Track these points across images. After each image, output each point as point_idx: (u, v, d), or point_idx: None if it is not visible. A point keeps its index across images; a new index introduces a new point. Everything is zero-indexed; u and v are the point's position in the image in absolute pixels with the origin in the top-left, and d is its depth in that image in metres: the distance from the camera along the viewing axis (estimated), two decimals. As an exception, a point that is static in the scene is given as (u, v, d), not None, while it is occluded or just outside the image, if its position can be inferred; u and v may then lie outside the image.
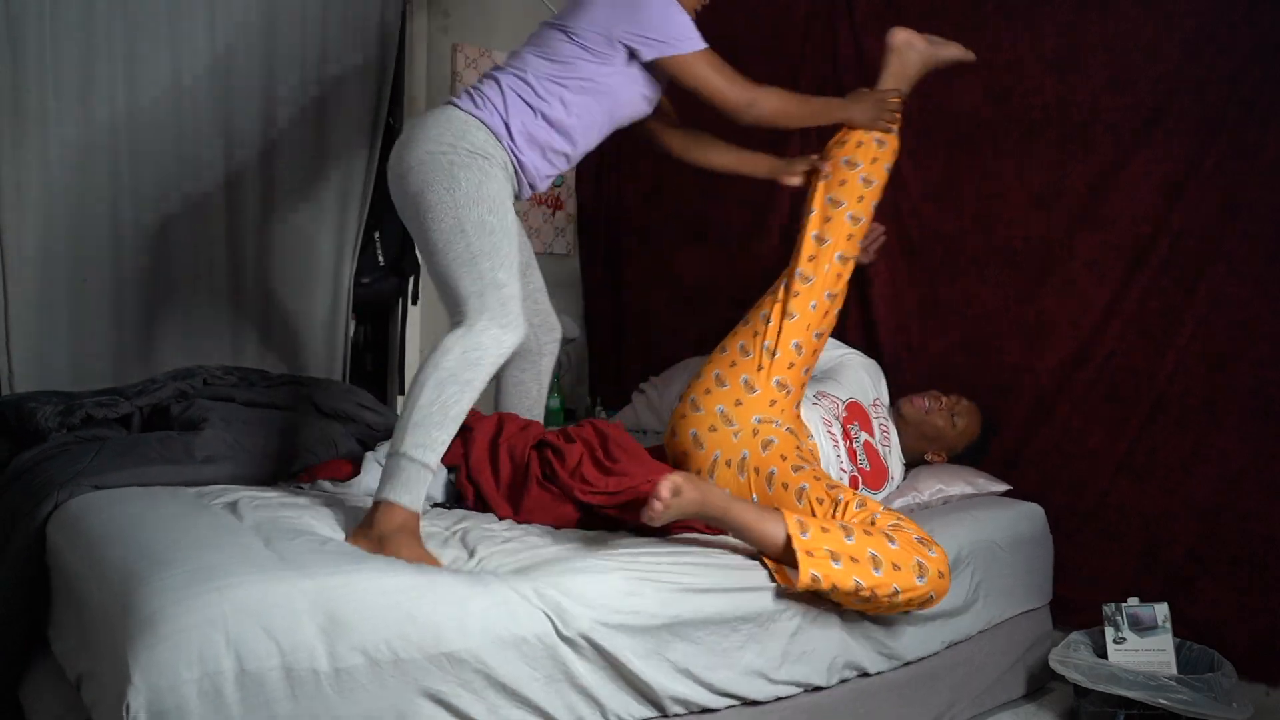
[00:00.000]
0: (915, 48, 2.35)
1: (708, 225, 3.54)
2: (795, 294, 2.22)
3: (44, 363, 2.81)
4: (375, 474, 1.98)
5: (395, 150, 2.03)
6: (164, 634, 1.34)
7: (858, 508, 1.94)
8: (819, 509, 1.95)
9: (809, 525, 1.84)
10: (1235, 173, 2.28)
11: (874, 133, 2.31)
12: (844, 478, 2.30)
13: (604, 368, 4.04)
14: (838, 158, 2.30)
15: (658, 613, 1.69)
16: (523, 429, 2.23)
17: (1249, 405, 2.27)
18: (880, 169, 2.30)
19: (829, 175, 2.29)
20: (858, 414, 2.47)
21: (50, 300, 2.83)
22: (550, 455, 2.12)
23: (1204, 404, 2.34)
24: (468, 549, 1.83)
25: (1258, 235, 2.26)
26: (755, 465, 2.09)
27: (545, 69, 2.04)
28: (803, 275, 2.23)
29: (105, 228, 2.91)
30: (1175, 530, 2.37)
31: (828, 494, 1.98)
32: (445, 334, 1.90)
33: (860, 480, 2.34)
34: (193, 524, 1.69)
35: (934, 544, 1.91)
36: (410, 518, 1.79)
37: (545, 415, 2.45)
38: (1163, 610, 2.19)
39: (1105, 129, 2.50)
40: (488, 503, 2.10)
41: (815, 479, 2.03)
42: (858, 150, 2.30)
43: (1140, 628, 2.19)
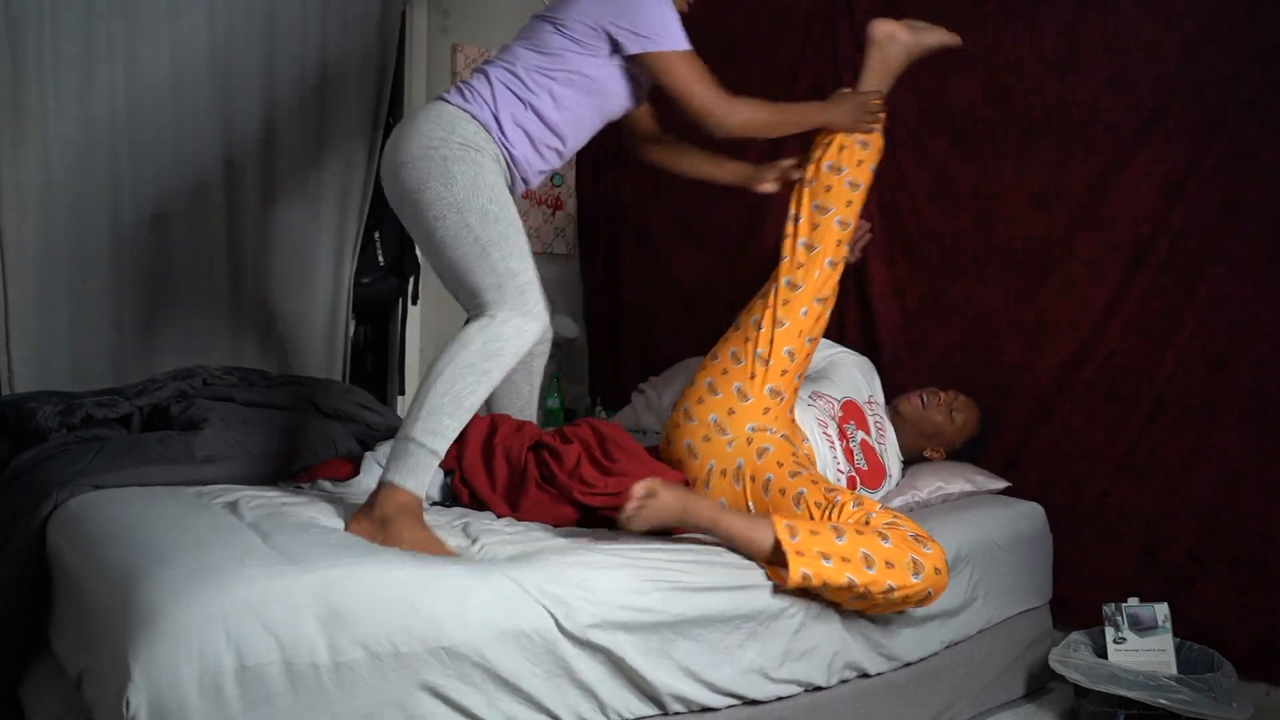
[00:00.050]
0: (898, 39, 2.29)
1: (707, 226, 3.54)
2: (785, 301, 2.20)
3: (44, 363, 2.81)
4: (375, 474, 1.98)
5: (388, 148, 2.01)
6: (164, 631, 1.34)
7: (854, 507, 1.93)
8: (818, 513, 1.94)
9: (799, 529, 1.83)
10: (1235, 173, 2.28)
11: (856, 135, 2.26)
12: (841, 479, 2.29)
13: (603, 367, 4.04)
14: (820, 162, 2.26)
15: (662, 610, 1.69)
16: (517, 430, 2.21)
17: (1249, 405, 2.27)
18: (865, 171, 2.26)
19: (813, 182, 2.25)
20: (854, 413, 2.47)
21: (50, 300, 2.83)
22: (547, 456, 2.10)
23: (1204, 404, 2.34)
24: (469, 537, 1.83)
25: (1258, 235, 2.26)
26: (751, 473, 2.08)
27: (534, 61, 2.03)
28: (792, 283, 2.21)
29: (105, 228, 2.92)
30: (1175, 530, 2.37)
31: (826, 497, 1.96)
32: (464, 326, 1.89)
33: (858, 480, 2.34)
34: (193, 523, 1.69)
35: (930, 540, 1.90)
36: (413, 501, 1.79)
37: (546, 415, 2.45)
38: (1163, 610, 2.19)
39: (1105, 129, 2.50)
40: (484, 504, 2.09)
41: (813, 483, 2.01)
42: (840, 154, 2.24)
43: (1140, 628, 2.19)
